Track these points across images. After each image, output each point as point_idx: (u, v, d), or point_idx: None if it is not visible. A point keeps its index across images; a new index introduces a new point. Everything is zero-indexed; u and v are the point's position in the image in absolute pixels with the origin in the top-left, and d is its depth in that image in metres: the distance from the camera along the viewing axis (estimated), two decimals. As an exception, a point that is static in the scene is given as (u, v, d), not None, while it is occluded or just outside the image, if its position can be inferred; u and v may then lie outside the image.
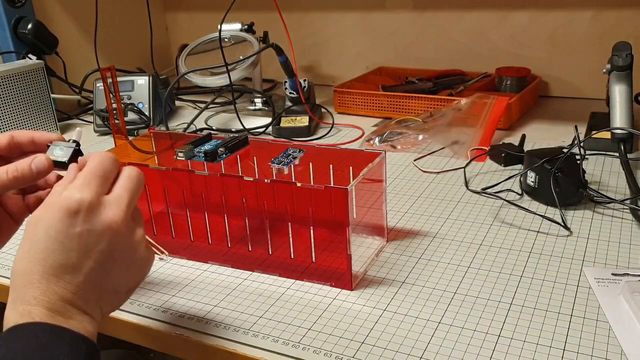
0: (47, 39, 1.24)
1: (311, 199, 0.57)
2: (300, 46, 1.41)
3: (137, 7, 1.47)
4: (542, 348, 0.49)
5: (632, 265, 0.61)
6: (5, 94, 1.02)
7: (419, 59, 1.36)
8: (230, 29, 1.21)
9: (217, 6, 1.29)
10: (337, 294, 0.58)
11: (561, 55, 1.22)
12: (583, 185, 0.73)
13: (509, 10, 1.24)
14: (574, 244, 0.65)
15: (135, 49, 1.52)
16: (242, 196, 0.61)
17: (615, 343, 0.49)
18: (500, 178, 0.83)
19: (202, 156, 0.65)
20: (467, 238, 0.68)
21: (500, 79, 1.23)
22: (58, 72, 1.29)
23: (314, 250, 0.61)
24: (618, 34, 1.13)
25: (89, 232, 0.42)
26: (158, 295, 0.60)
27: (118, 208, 0.43)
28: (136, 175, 0.46)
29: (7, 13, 1.18)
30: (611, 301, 0.55)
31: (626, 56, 0.85)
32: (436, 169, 0.89)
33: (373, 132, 1.01)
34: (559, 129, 1.04)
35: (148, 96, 1.15)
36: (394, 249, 0.66)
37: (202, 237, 0.66)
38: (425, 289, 0.58)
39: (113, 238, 0.42)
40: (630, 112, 0.83)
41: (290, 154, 0.68)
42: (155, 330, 0.55)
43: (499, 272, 0.61)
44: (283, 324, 0.54)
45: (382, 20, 1.37)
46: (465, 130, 0.96)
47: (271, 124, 1.09)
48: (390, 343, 0.51)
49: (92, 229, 0.42)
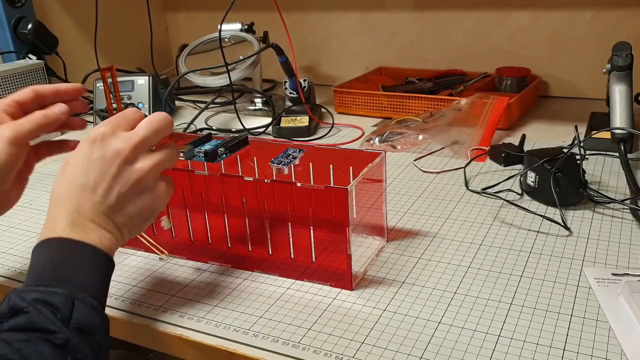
0: (47, 39, 1.24)
1: (311, 199, 0.57)
2: (300, 46, 1.41)
3: (137, 7, 1.47)
4: (542, 348, 0.49)
5: (632, 265, 0.61)
6: (5, 94, 1.02)
7: (419, 59, 1.36)
8: (230, 29, 1.21)
9: (217, 6, 1.29)
10: (337, 294, 0.58)
11: (561, 55, 1.22)
12: (583, 185, 0.73)
13: (509, 10, 1.24)
14: (574, 244, 0.65)
15: (135, 49, 1.52)
16: (242, 196, 0.61)
17: (615, 343, 0.49)
18: (500, 178, 0.83)
19: (202, 156, 0.65)
20: (467, 238, 0.68)
21: (500, 79, 1.23)
22: (58, 72, 1.29)
23: (314, 250, 0.61)
24: (618, 34, 1.13)
25: (102, 157, 0.50)
26: (158, 295, 0.60)
27: (128, 139, 0.50)
28: (159, 116, 0.53)
29: (7, 13, 1.18)
30: (611, 301, 0.55)
31: (626, 56, 0.85)
32: (436, 169, 0.89)
33: (373, 132, 1.01)
34: (559, 129, 1.04)
35: (148, 96, 1.15)
36: (394, 249, 0.66)
37: (202, 237, 0.66)
38: (425, 289, 0.58)
39: (121, 164, 0.50)
40: (630, 112, 0.83)
41: (290, 154, 0.68)
42: (155, 330, 0.55)
43: (499, 272, 0.61)
44: (283, 324, 0.54)
45: (382, 20, 1.37)
46: (465, 130, 0.96)
47: (271, 124, 1.09)
48: (390, 343, 0.51)
49: (104, 155, 0.50)
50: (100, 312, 0.46)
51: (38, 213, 0.80)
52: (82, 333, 0.43)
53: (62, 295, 0.43)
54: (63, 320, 0.42)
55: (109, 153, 0.50)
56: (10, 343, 0.40)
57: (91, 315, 0.44)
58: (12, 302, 0.43)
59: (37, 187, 0.88)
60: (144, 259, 0.67)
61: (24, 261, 0.68)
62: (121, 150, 0.50)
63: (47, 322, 0.42)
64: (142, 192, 0.52)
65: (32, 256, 0.47)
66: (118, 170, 0.50)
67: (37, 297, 0.43)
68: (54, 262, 0.46)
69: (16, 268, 0.67)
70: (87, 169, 0.50)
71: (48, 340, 0.41)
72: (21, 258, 0.69)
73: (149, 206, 0.52)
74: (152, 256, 0.67)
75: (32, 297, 0.43)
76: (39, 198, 0.85)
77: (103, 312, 0.46)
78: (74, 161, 0.51)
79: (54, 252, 0.46)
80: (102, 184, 0.49)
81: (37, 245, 0.47)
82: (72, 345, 0.42)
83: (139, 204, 0.52)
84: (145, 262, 0.66)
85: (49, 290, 0.43)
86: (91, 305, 0.45)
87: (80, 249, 0.47)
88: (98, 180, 0.49)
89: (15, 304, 0.42)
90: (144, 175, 0.51)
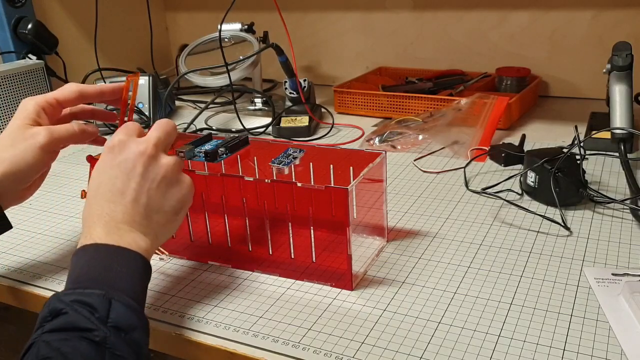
0: (47, 39, 1.24)
1: (311, 199, 0.57)
2: (300, 46, 1.41)
3: (137, 7, 1.47)
4: (542, 348, 0.49)
5: (632, 265, 0.61)
6: (5, 94, 1.02)
7: (419, 59, 1.36)
8: (230, 29, 1.21)
9: (217, 6, 1.29)
10: (337, 294, 0.58)
11: (561, 55, 1.22)
12: (583, 185, 0.73)
13: (509, 10, 1.24)
14: (574, 244, 0.65)
15: (135, 49, 1.52)
16: (242, 196, 0.61)
17: (615, 343, 0.49)
18: (500, 178, 0.83)
19: (202, 156, 0.65)
20: (467, 238, 0.68)
21: (500, 79, 1.23)
22: (58, 72, 1.29)
23: (314, 250, 0.61)
24: (618, 34, 1.13)
25: (125, 160, 0.52)
26: (158, 296, 0.60)
27: (146, 141, 0.53)
28: (165, 121, 0.56)
29: (7, 13, 1.18)
30: (611, 301, 0.55)
31: (626, 56, 0.85)
32: (436, 169, 0.89)
33: (373, 132, 1.01)
34: (559, 129, 1.04)
35: (148, 96, 1.15)
36: (394, 249, 0.66)
37: (202, 237, 0.66)
38: (425, 289, 0.58)
39: (146, 162, 0.52)
40: (630, 112, 0.83)
41: (291, 154, 0.68)
42: (155, 330, 0.55)
43: (499, 272, 0.61)
44: (283, 324, 0.54)
45: (382, 20, 1.37)
46: (465, 130, 0.96)
47: (271, 124, 1.09)
48: (390, 343, 0.51)
49: (127, 157, 0.52)
50: (138, 312, 0.46)
51: (38, 213, 0.80)
52: (120, 331, 0.44)
53: (99, 296, 0.44)
54: (100, 319, 0.43)
55: (131, 155, 0.52)
56: (50, 343, 0.41)
57: (128, 314, 0.45)
58: (51, 305, 0.44)
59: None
60: (144, 259, 0.67)
61: (24, 261, 0.68)
62: (144, 150, 0.52)
63: (85, 321, 0.43)
64: (171, 186, 0.53)
65: (71, 263, 0.48)
66: (144, 168, 0.52)
67: (75, 298, 0.44)
68: (90, 266, 0.47)
69: (16, 268, 0.67)
70: (112, 175, 0.52)
71: (86, 338, 0.42)
72: (21, 258, 0.69)
73: (179, 199, 0.54)
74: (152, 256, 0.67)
75: (70, 299, 0.44)
76: (39, 198, 0.85)
77: (141, 312, 0.47)
78: (97, 171, 0.53)
79: (91, 258, 0.48)
80: (130, 185, 0.51)
81: (75, 253, 0.49)
82: (110, 342, 0.42)
83: (170, 198, 0.53)
84: (146, 262, 0.66)
85: (87, 292, 0.44)
86: (128, 304, 0.45)
87: (116, 252, 0.48)
88: (126, 182, 0.51)
89: (54, 307, 0.43)
90: (170, 168, 0.53)
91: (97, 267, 0.47)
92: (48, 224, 0.77)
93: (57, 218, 0.79)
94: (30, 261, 0.68)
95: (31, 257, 0.69)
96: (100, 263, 0.47)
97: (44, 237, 0.73)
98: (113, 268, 0.47)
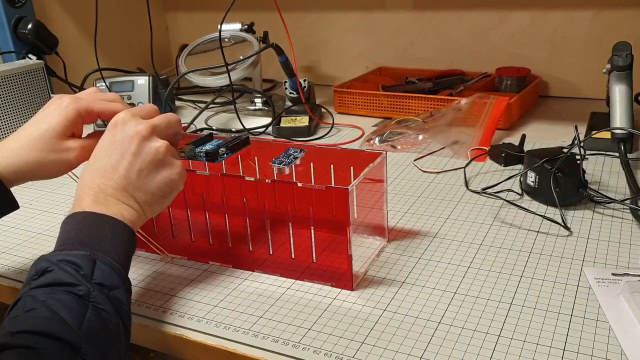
0: (47, 39, 1.24)
1: (312, 199, 0.57)
2: (300, 46, 1.41)
3: (137, 7, 1.47)
4: (542, 348, 0.49)
5: (632, 265, 0.61)
6: (5, 94, 1.02)
7: (419, 59, 1.36)
8: (230, 29, 1.21)
9: (217, 6, 1.29)
10: (338, 294, 0.58)
11: (561, 55, 1.22)
12: (583, 185, 0.73)
13: (509, 10, 1.24)
14: (574, 244, 0.65)
15: (135, 49, 1.52)
16: (243, 196, 0.61)
17: (615, 343, 0.49)
18: (500, 178, 0.83)
19: (203, 156, 0.65)
20: (467, 238, 0.68)
21: (500, 79, 1.23)
22: (58, 72, 1.29)
23: (314, 251, 0.61)
24: (618, 34, 1.13)
25: (123, 138, 0.54)
26: (158, 295, 0.60)
27: (146, 122, 0.55)
28: (171, 114, 0.59)
29: (7, 13, 1.18)
30: (611, 301, 0.55)
31: (626, 56, 0.85)
32: (436, 169, 0.89)
33: (373, 132, 1.01)
34: (559, 129, 1.04)
35: (148, 96, 1.15)
36: (395, 249, 0.66)
37: (202, 237, 0.66)
38: (425, 289, 0.58)
39: (140, 142, 0.54)
40: (630, 112, 0.83)
41: (292, 154, 0.68)
42: (155, 330, 0.55)
43: (499, 272, 0.61)
44: (283, 324, 0.54)
45: (382, 20, 1.37)
46: (465, 130, 0.96)
47: (271, 124, 1.09)
48: (390, 343, 0.51)
49: (125, 135, 0.54)
50: (121, 273, 0.49)
51: (38, 213, 0.80)
52: (103, 287, 0.47)
53: (84, 257, 0.47)
54: (85, 276, 0.46)
55: (129, 133, 0.54)
56: (36, 297, 0.44)
57: (112, 274, 0.48)
58: (38, 265, 0.47)
59: (37, 188, 0.88)
60: (144, 258, 0.67)
61: (24, 261, 0.68)
62: (140, 130, 0.55)
63: (69, 277, 0.46)
64: (161, 168, 0.55)
65: (60, 229, 0.51)
66: (137, 147, 0.54)
67: (61, 258, 0.47)
68: (77, 231, 0.50)
69: (16, 268, 0.67)
70: (109, 151, 0.54)
71: (70, 292, 0.45)
72: (21, 258, 0.69)
73: (167, 182, 0.56)
74: (152, 256, 0.67)
75: (57, 259, 0.47)
76: (39, 198, 0.85)
77: (124, 274, 0.50)
78: (98, 146, 0.55)
79: (78, 223, 0.51)
80: (122, 162, 0.54)
81: (64, 220, 0.52)
82: (92, 296, 0.45)
83: (159, 179, 0.55)
84: (145, 262, 0.66)
85: (73, 253, 0.48)
86: (111, 265, 0.48)
87: (102, 219, 0.51)
88: (119, 159, 0.54)
89: (41, 267, 0.47)
90: (161, 150, 0.55)
91: (83, 232, 0.50)
92: (48, 224, 0.77)
93: (57, 218, 0.79)
94: (30, 261, 0.68)
95: (31, 257, 0.69)
96: (86, 228, 0.50)
97: (44, 237, 0.74)
98: (98, 233, 0.50)
